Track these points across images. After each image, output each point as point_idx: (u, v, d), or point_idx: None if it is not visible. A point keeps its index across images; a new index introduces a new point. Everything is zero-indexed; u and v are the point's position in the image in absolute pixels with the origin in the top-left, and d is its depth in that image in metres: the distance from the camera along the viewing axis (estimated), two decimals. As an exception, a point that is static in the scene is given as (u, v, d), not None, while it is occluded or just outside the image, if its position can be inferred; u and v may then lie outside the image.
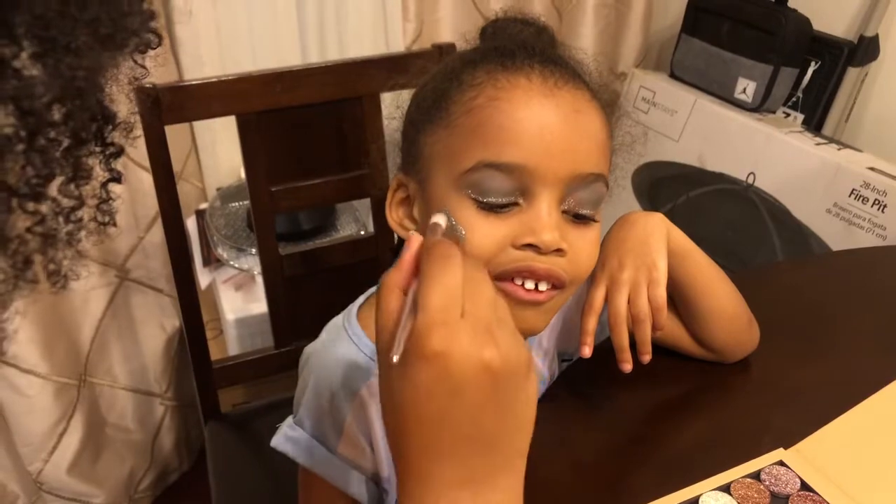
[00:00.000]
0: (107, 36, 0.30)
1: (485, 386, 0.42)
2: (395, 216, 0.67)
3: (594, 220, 0.62)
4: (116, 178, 0.36)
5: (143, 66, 0.35)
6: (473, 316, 0.42)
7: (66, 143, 0.30)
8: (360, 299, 0.73)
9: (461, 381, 0.42)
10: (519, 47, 0.62)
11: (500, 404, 0.43)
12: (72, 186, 0.32)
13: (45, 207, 0.30)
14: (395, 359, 0.42)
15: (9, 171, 0.28)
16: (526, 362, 0.44)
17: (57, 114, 0.29)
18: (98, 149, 0.34)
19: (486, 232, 0.59)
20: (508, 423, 0.44)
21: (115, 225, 0.37)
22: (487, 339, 0.42)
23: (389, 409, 0.44)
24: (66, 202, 0.32)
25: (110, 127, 0.34)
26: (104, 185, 0.36)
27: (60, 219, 0.31)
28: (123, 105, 0.35)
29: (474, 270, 0.45)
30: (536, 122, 0.58)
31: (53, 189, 0.30)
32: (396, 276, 0.46)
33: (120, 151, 0.35)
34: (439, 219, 0.51)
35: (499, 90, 0.59)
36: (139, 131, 0.95)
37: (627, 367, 0.71)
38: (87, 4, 0.29)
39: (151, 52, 0.35)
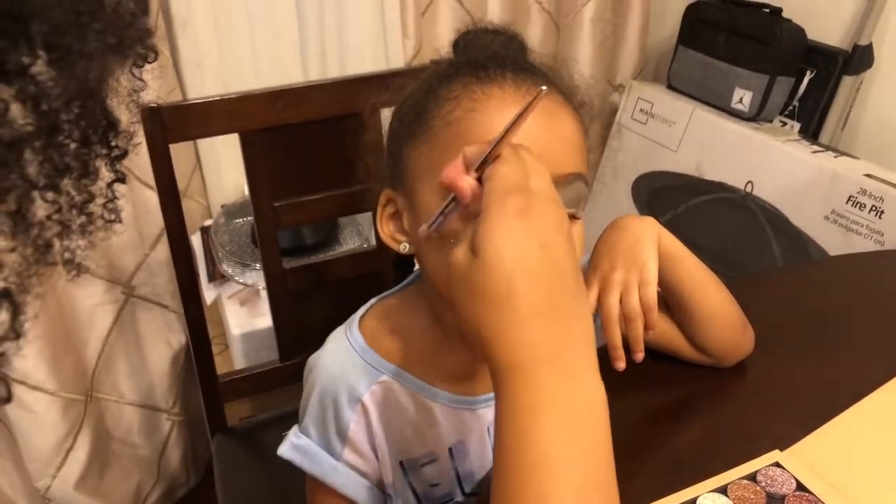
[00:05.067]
0: (113, 45, 0.33)
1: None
2: (386, 230, 0.69)
3: (577, 218, 0.63)
4: (121, 179, 0.39)
5: (141, 79, 0.38)
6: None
7: (75, 144, 0.33)
8: (362, 310, 0.75)
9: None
10: (490, 58, 0.64)
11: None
12: (82, 183, 0.35)
13: (61, 199, 0.33)
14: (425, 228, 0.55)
15: (29, 164, 0.31)
16: None
17: (71, 114, 0.32)
18: (104, 151, 0.36)
19: None
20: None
21: (120, 221, 0.39)
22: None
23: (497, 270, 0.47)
24: (78, 197, 0.34)
25: (114, 132, 0.37)
26: (110, 184, 0.38)
27: (74, 211, 0.34)
28: (124, 115, 0.38)
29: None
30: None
31: (66, 185, 0.33)
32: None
33: (124, 154, 0.38)
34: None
35: (475, 102, 0.61)
36: (143, 147, 0.96)
37: (621, 364, 0.72)
38: (97, 16, 0.32)
39: (149, 66, 0.38)
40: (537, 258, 0.47)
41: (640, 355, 0.74)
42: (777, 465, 0.70)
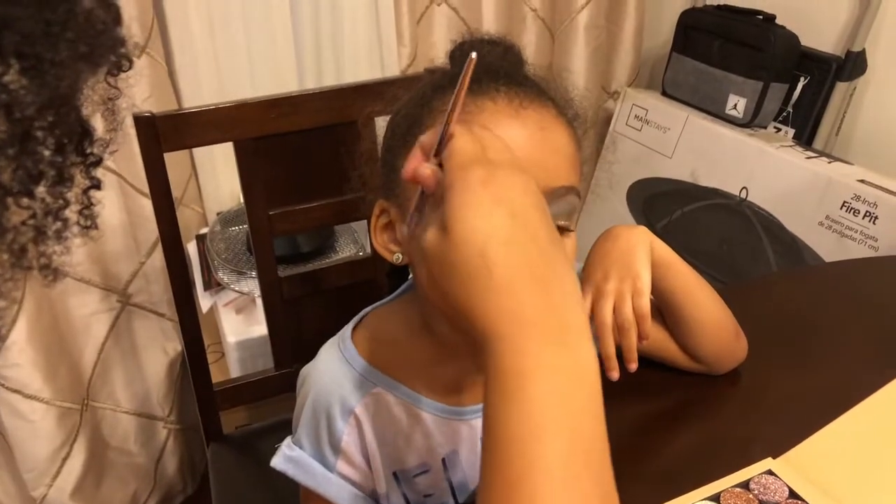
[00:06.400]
0: (85, 54, 0.34)
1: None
2: (379, 240, 0.69)
3: (570, 230, 0.63)
4: (97, 185, 0.39)
5: (117, 88, 0.38)
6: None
7: (49, 151, 0.34)
8: (355, 320, 0.75)
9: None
10: (484, 71, 0.63)
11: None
12: (58, 189, 0.35)
13: (36, 205, 0.34)
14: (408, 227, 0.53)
15: (2, 171, 0.31)
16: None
17: (45, 121, 0.33)
18: (79, 159, 0.37)
19: None
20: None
21: (97, 228, 0.40)
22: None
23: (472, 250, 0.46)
24: (54, 203, 0.35)
25: (89, 140, 0.37)
26: (85, 191, 0.39)
27: (49, 217, 0.35)
28: (100, 124, 0.38)
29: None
30: None
31: (41, 191, 0.34)
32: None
33: (99, 161, 0.38)
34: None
35: (467, 114, 0.61)
36: (138, 155, 0.97)
37: (615, 374, 0.73)
38: (67, 26, 0.33)
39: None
40: (508, 227, 0.46)
41: (633, 365, 0.74)
42: (770, 472, 0.70)
